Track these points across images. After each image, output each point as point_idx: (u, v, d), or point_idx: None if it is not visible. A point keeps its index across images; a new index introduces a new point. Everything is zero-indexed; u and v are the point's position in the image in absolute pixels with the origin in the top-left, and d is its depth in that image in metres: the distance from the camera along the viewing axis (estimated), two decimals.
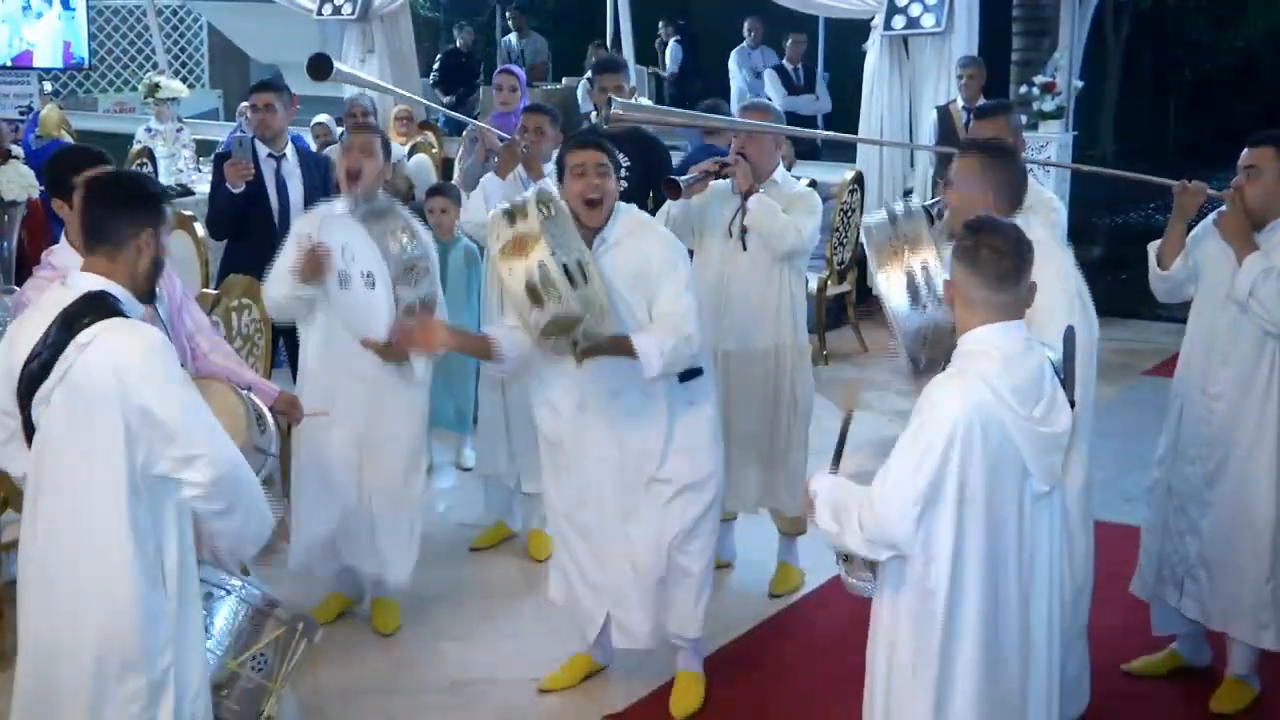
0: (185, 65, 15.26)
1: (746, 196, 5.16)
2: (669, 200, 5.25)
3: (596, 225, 4.39)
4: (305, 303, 4.93)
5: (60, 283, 3.42)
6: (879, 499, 3.21)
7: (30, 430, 3.33)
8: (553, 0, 18.24)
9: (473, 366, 6.09)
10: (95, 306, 3.28)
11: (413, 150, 9.35)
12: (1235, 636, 4.62)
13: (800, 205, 5.22)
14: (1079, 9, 9.42)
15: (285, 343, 6.13)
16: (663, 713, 4.64)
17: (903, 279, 3.59)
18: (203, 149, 10.19)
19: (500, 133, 6.08)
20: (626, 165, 5.88)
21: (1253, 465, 4.48)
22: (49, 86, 12.46)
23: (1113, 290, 10.01)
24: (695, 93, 13.32)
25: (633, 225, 4.47)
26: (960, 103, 9.01)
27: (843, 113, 11.22)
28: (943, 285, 3.47)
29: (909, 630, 3.30)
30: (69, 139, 8.82)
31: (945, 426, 3.15)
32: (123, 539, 3.26)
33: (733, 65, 12.83)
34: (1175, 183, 4.60)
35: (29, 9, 12.65)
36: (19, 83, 9.77)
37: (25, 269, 5.91)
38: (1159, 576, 4.75)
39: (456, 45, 13.61)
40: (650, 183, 5.65)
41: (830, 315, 9.03)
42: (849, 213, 8.90)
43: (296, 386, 5.07)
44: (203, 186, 8.64)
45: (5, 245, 6.55)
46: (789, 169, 5.79)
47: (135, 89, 12.44)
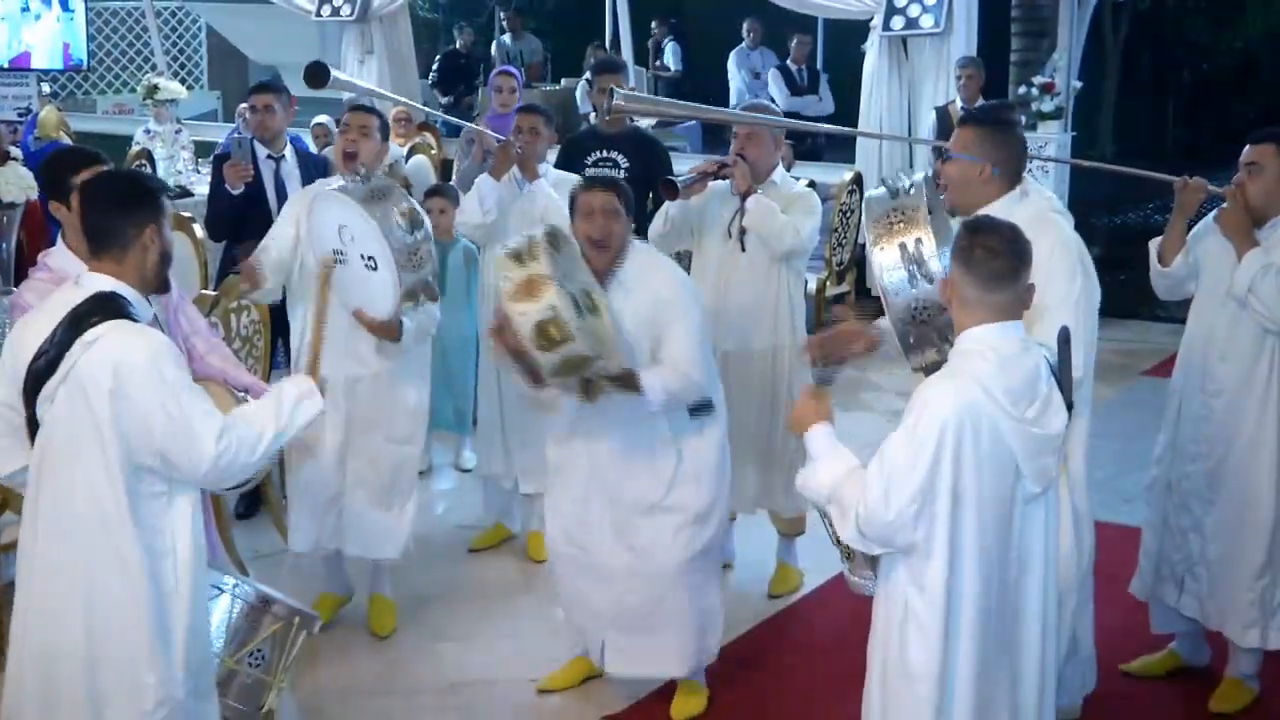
0: (184, 67, 15.26)
1: (745, 197, 5.16)
2: (667, 201, 5.25)
3: (602, 268, 4.37)
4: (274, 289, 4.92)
5: (71, 282, 3.43)
6: (874, 498, 3.20)
7: (35, 428, 3.34)
8: (552, 1, 18.25)
9: (472, 368, 6.09)
10: (104, 307, 3.29)
11: (411, 151, 9.33)
12: (1228, 636, 4.63)
13: (799, 206, 5.22)
14: (1077, 10, 9.42)
15: (284, 344, 6.13)
16: (661, 714, 4.63)
17: (896, 254, 3.55)
18: (201, 150, 10.19)
19: (496, 135, 6.08)
20: (625, 166, 5.93)
21: (1254, 463, 4.48)
22: (48, 88, 12.46)
23: (1112, 290, 9.97)
24: (685, 94, 13.31)
25: (646, 265, 4.44)
26: (959, 103, 9.02)
27: (842, 114, 11.21)
28: (931, 260, 3.47)
29: (903, 629, 3.29)
30: (68, 140, 8.83)
31: (937, 426, 3.14)
32: (125, 536, 3.27)
33: (731, 66, 12.83)
34: (1176, 179, 4.60)
35: (27, 10, 12.63)
36: (17, 84, 9.74)
37: (24, 271, 5.91)
38: (1158, 575, 4.75)
39: (456, 46, 13.60)
40: (650, 183, 5.65)
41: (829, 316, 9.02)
42: (848, 214, 8.90)
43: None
44: (201, 188, 8.63)
45: (4, 247, 6.54)
46: (788, 169, 5.79)
47: (134, 90, 12.43)
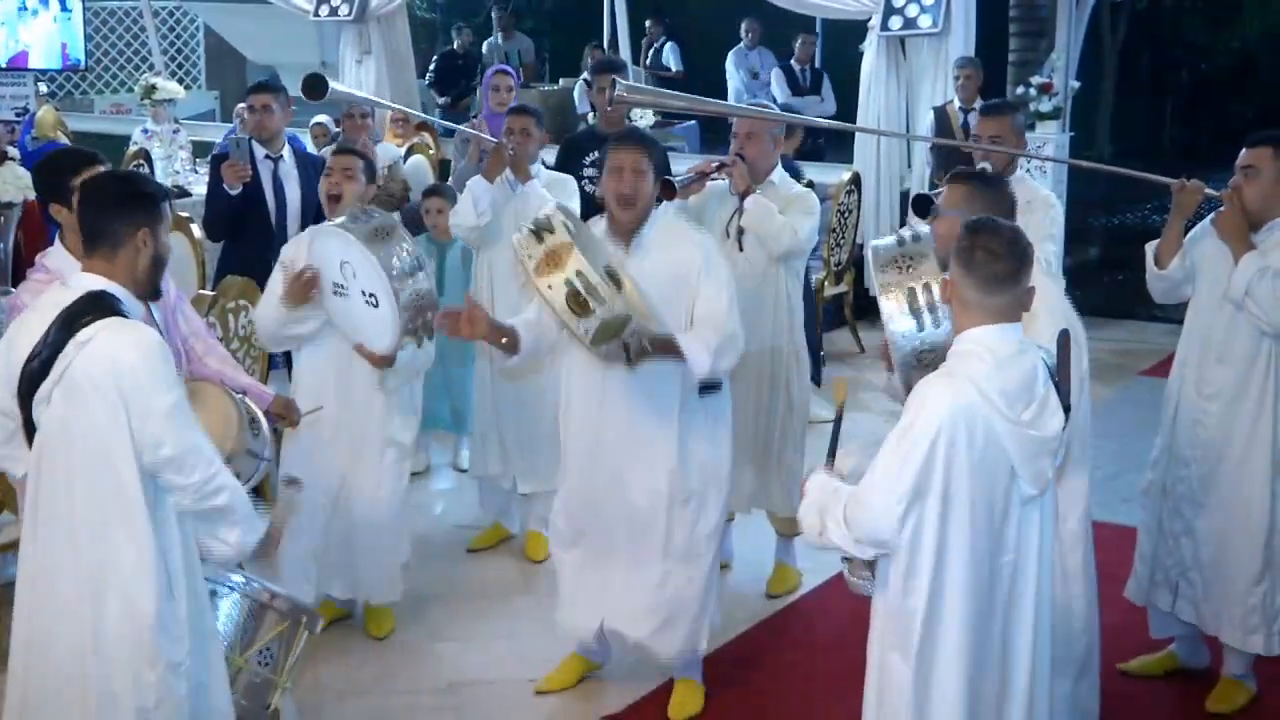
0: (182, 66, 15.24)
1: (744, 197, 5.16)
2: (665, 201, 5.24)
3: (630, 224, 4.41)
4: (296, 337, 4.88)
5: (60, 283, 3.42)
6: (865, 496, 3.22)
7: (31, 430, 3.34)
8: (550, 1, 18.25)
9: (470, 368, 6.08)
10: (96, 306, 3.29)
11: (409, 152, 9.34)
12: (1225, 641, 4.62)
13: (797, 206, 5.22)
14: (1075, 10, 9.41)
15: None
16: (659, 714, 4.64)
17: (904, 299, 3.58)
18: (199, 150, 10.18)
19: (488, 136, 6.07)
20: None
21: (1248, 467, 4.48)
22: (45, 88, 12.45)
23: (1109, 291, 10.04)
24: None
25: (669, 228, 4.49)
26: (957, 103, 9.02)
27: (840, 114, 11.22)
28: (942, 307, 3.48)
29: (895, 629, 3.30)
30: (65, 140, 8.82)
31: (931, 426, 3.15)
32: (124, 536, 3.27)
33: (729, 65, 12.81)
34: (1173, 181, 4.58)
35: (25, 10, 12.62)
36: (15, 84, 9.73)
37: (22, 271, 5.91)
38: (1152, 580, 4.75)
39: (454, 47, 13.58)
40: None
41: (827, 316, 9.01)
42: (846, 214, 8.90)
43: (278, 386, 5.03)
44: (199, 188, 8.64)
45: (2, 247, 6.56)
46: (796, 156, 5.74)
47: (132, 90, 12.40)
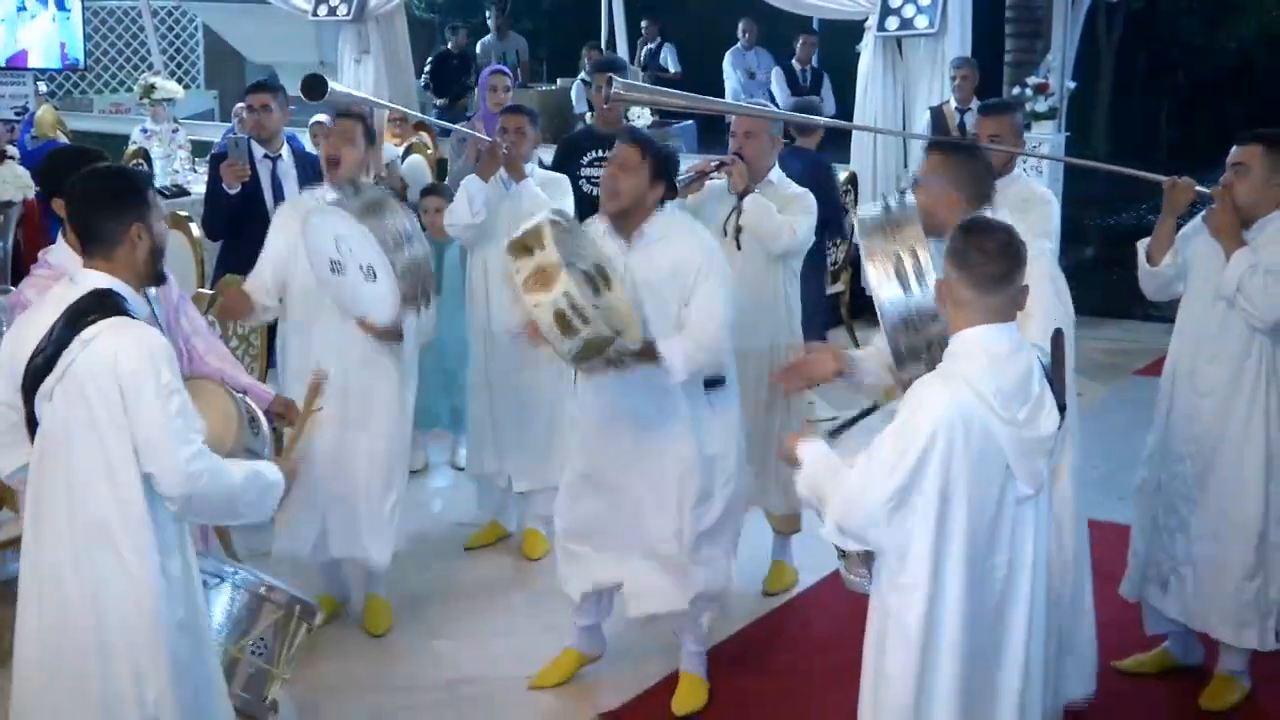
0: (180, 66, 15.26)
1: (743, 196, 5.18)
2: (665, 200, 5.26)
3: (611, 214, 4.47)
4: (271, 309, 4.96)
5: (68, 279, 3.43)
6: (852, 493, 3.23)
7: (34, 425, 3.35)
8: (548, 1, 18.25)
9: (468, 366, 6.10)
10: (101, 304, 3.30)
11: (407, 151, 9.36)
12: (1216, 637, 4.64)
13: (795, 205, 5.24)
14: (1071, 10, 9.43)
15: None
16: (656, 710, 4.66)
17: (890, 265, 3.55)
18: (198, 149, 10.19)
19: (484, 137, 6.09)
20: None
21: (1242, 463, 4.50)
22: (44, 87, 12.46)
23: (1105, 290, 10.03)
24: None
25: (674, 225, 4.53)
26: (953, 103, 9.05)
27: (837, 114, 11.22)
28: (929, 273, 3.46)
29: (891, 628, 3.31)
30: (64, 139, 8.84)
31: (926, 427, 3.15)
32: (122, 533, 3.28)
33: (727, 66, 12.82)
34: (1165, 178, 4.59)
35: (23, 10, 12.65)
36: (14, 84, 9.77)
37: (21, 269, 5.93)
38: (1145, 576, 4.77)
39: (448, 47, 13.58)
40: None
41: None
42: (842, 214, 8.90)
43: (277, 385, 5.05)
44: (198, 187, 8.65)
45: (2, 246, 6.58)
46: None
47: (131, 90, 12.41)
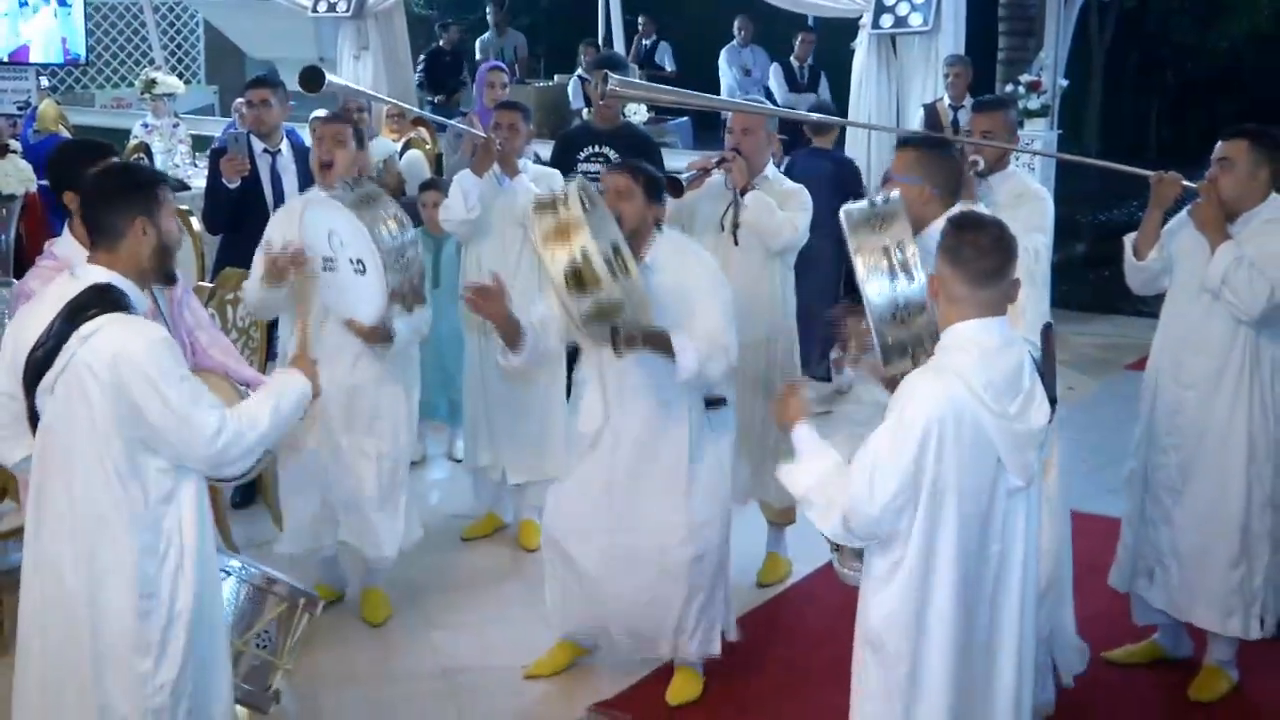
0: (181, 61, 15.28)
1: (743, 193, 5.22)
2: (672, 198, 5.30)
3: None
4: (278, 299, 4.93)
5: (68, 273, 3.46)
6: (858, 492, 3.24)
7: (35, 418, 3.39)
8: None
9: (465, 360, 6.15)
10: (101, 299, 3.32)
11: (406, 146, 9.39)
12: (1201, 626, 4.68)
13: (793, 202, 5.28)
14: (1064, 8, 9.45)
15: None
16: (651, 701, 4.69)
17: (877, 257, 3.53)
18: (199, 144, 10.22)
19: (478, 132, 6.14)
20: (617, 161, 5.98)
21: (1225, 454, 4.54)
22: (46, 82, 12.48)
23: (1096, 286, 10.08)
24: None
25: (675, 249, 4.55)
26: (947, 101, 9.09)
27: (832, 112, 11.26)
28: (916, 267, 3.47)
29: (883, 619, 3.34)
30: (66, 134, 8.87)
31: (920, 421, 3.18)
32: (122, 527, 3.32)
33: (722, 63, 12.84)
34: (1152, 173, 4.63)
35: (25, 5, 12.66)
36: (16, 78, 9.78)
37: (23, 263, 5.98)
38: (1133, 567, 4.80)
39: (440, 44, 13.60)
40: None
41: None
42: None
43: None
44: (198, 181, 8.68)
45: (4, 239, 6.61)
46: (779, 165, 5.85)
47: (132, 85, 12.47)
